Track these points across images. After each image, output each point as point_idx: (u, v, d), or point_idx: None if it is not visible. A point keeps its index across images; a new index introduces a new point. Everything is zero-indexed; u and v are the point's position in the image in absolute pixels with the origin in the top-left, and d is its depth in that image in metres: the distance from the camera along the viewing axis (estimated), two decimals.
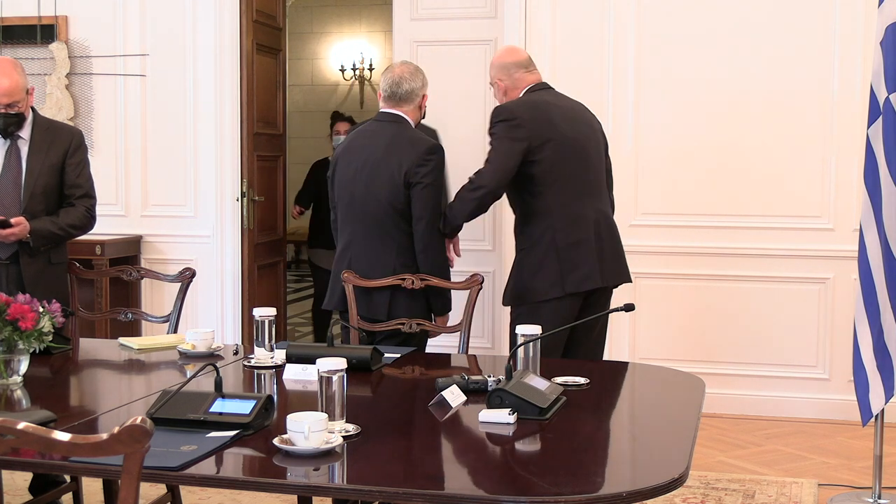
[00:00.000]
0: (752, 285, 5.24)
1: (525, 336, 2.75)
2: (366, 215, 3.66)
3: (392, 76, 3.73)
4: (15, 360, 2.73)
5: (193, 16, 5.72)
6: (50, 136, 3.76)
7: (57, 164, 3.75)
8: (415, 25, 5.82)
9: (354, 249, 3.70)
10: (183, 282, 3.75)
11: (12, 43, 5.88)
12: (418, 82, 3.74)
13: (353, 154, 3.73)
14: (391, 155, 3.63)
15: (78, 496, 3.52)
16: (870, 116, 3.85)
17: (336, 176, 3.78)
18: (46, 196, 3.73)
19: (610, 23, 5.30)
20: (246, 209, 5.79)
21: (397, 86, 3.70)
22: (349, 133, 4.10)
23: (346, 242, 3.75)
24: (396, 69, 3.76)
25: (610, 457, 2.28)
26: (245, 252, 5.82)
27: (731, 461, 4.54)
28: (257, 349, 3.09)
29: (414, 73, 3.75)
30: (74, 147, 3.82)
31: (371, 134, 3.75)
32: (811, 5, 5.11)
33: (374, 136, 3.72)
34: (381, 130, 3.72)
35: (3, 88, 3.63)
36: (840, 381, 5.13)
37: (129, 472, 1.73)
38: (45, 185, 3.72)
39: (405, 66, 3.80)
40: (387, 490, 1.98)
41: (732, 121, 5.22)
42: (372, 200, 3.64)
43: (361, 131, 3.85)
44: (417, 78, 3.74)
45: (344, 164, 3.75)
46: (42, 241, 3.68)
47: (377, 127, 3.76)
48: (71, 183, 3.78)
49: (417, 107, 3.76)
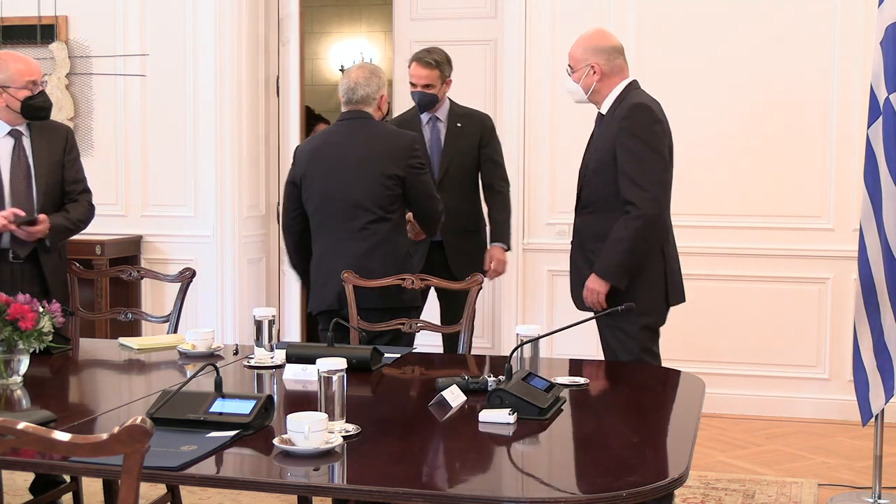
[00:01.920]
0: (752, 285, 5.24)
1: (525, 336, 2.76)
2: (352, 211, 3.61)
3: (347, 82, 3.68)
4: (15, 360, 2.73)
5: (193, 16, 5.72)
6: (47, 133, 3.78)
7: (59, 161, 3.78)
8: (415, 25, 5.83)
9: (340, 248, 3.65)
10: (183, 282, 3.75)
11: (12, 43, 5.88)
12: (374, 86, 3.67)
13: (325, 154, 3.67)
14: (380, 151, 3.62)
15: (78, 496, 3.52)
16: (870, 116, 3.85)
17: (306, 178, 3.69)
18: (54, 193, 3.76)
19: (609, 23, 5.29)
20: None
21: (352, 92, 3.66)
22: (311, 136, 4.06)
23: (326, 243, 3.69)
24: (352, 74, 3.70)
25: (610, 457, 2.28)
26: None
27: (731, 461, 4.54)
28: (257, 349, 3.09)
29: (369, 77, 3.68)
30: (70, 143, 3.86)
31: (342, 133, 3.69)
32: (811, 5, 5.11)
33: (348, 135, 3.67)
34: (352, 129, 3.68)
35: (34, 65, 3.67)
36: (840, 381, 5.13)
37: (129, 472, 1.73)
38: (53, 183, 3.75)
39: (360, 70, 3.72)
40: (387, 490, 1.98)
41: (732, 121, 5.22)
42: (362, 196, 3.60)
43: (329, 132, 3.79)
44: (373, 82, 3.68)
45: (315, 165, 3.68)
46: (58, 237, 3.71)
47: (346, 127, 3.70)
48: (72, 179, 3.80)
49: (377, 108, 3.73)
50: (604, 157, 3.43)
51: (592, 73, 3.47)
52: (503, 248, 4.59)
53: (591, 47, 3.48)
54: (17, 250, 3.61)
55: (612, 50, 3.50)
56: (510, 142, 5.43)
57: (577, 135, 5.42)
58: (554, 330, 3.04)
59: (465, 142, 4.50)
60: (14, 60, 3.64)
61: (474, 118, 4.58)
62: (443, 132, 4.51)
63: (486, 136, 4.56)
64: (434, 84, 4.43)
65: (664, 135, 3.44)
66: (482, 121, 4.59)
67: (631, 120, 3.38)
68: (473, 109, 4.63)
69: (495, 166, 4.60)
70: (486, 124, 4.60)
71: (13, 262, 3.61)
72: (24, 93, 3.60)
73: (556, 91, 5.37)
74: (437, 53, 4.49)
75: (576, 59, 3.51)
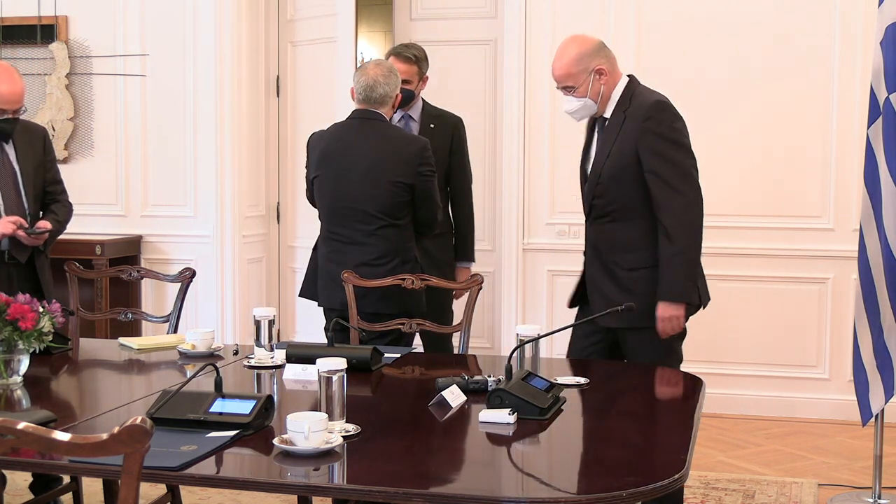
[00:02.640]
0: (752, 285, 5.24)
1: (525, 336, 2.76)
2: (361, 215, 3.61)
3: (367, 79, 3.63)
4: (15, 360, 2.73)
5: (193, 16, 5.72)
6: (26, 136, 3.81)
7: (41, 163, 3.84)
8: (415, 25, 5.82)
9: (348, 250, 3.66)
10: (183, 282, 3.75)
11: (12, 43, 5.88)
12: (392, 85, 3.65)
13: (335, 157, 3.65)
14: (392, 156, 3.59)
15: (78, 496, 3.51)
16: (870, 116, 3.85)
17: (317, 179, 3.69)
18: (40, 196, 3.83)
19: (610, 23, 5.30)
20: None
21: (371, 90, 3.62)
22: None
23: (333, 244, 3.68)
24: (370, 71, 3.65)
25: (610, 457, 2.28)
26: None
27: (731, 461, 4.54)
28: (257, 349, 3.09)
29: (388, 75, 3.65)
30: (48, 144, 3.92)
31: (354, 135, 3.67)
32: (811, 5, 5.11)
33: (360, 138, 3.65)
34: (364, 130, 3.65)
35: (17, 92, 3.67)
36: (840, 381, 5.13)
37: (129, 472, 1.73)
38: (38, 186, 3.81)
39: (379, 67, 3.68)
40: (387, 490, 1.98)
41: (732, 121, 5.22)
42: (371, 200, 3.60)
43: (341, 131, 3.72)
44: (391, 80, 3.66)
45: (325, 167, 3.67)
46: (52, 240, 3.82)
47: (361, 126, 3.67)
48: (52, 180, 3.89)
49: (391, 107, 3.72)
50: (624, 163, 3.23)
51: (600, 77, 3.26)
52: (468, 268, 4.44)
53: (585, 54, 3.26)
54: (16, 254, 3.69)
55: (603, 46, 3.31)
56: (510, 142, 5.44)
57: (578, 135, 5.43)
58: (554, 330, 3.04)
59: (436, 143, 4.10)
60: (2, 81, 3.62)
61: (447, 121, 4.39)
62: (415, 132, 4.29)
63: (456, 142, 4.37)
64: (411, 80, 4.22)
65: (685, 129, 3.28)
66: (455, 125, 4.40)
67: (654, 120, 3.22)
68: (446, 111, 4.44)
69: (462, 175, 4.43)
70: (459, 129, 4.41)
71: (8, 263, 3.67)
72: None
73: (555, 91, 5.34)
74: (415, 49, 4.33)
75: (573, 74, 3.27)
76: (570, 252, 5.37)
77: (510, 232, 5.46)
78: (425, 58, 4.34)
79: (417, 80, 4.29)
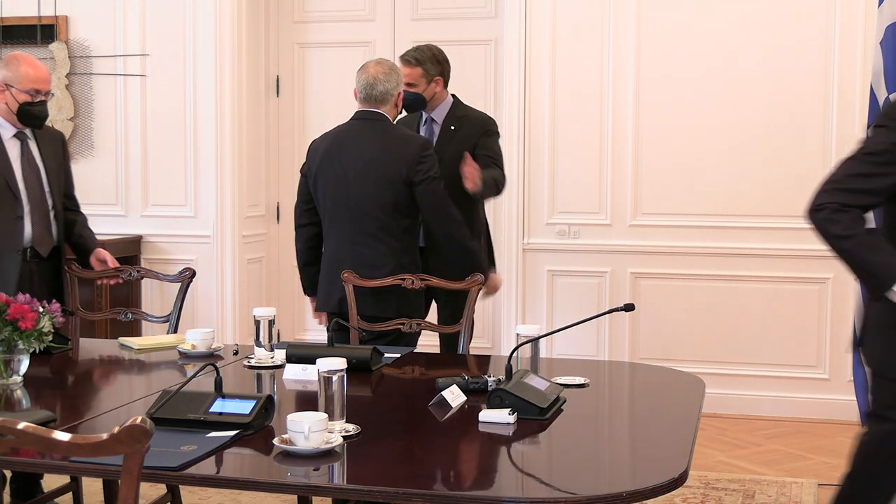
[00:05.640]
0: (752, 285, 5.24)
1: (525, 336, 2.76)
2: (360, 216, 3.61)
3: (366, 77, 3.63)
4: (15, 360, 2.73)
5: (193, 16, 5.72)
6: (45, 136, 3.80)
7: (61, 165, 3.84)
8: (415, 25, 5.83)
9: (348, 251, 3.66)
10: (183, 282, 3.75)
11: (12, 43, 5.88)
12: (393, 82, 3.65)
13: (336, 157, 3.65)
14: (388, 155, 3.59)
15: (78, 496, 3.51)
16: (870, 116, 3.85)
17: (318, 179, 3.69)
18: (60, 192, 3.81)
19: (610, 23, 5.29)
20: None
21: (371, 87, 3.62)
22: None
23: (336, 245, 3.69)
24: (371, 69, 3.65)
25: (610, 457, 2.28)
26: None
27: (731, 461, 4.54)
28: (257, 349, 3.09)
29: (388, 73, 3.65)
30: (66, 151, 3.93)
31: (355, 135, 3.67)
32: (811, 5, 5.11)
33: (360, 138, 3.65)
34: (367, 129, 3.65)
35: (44, 75, 3.69)
36: (840, 381, 5.13)
37: (129, 472, 1.73)
38: (59, 185, 3.80)
39: (379, 65, 3.68)
40: (387, 490, 1.98)
41: (733, 121, 5.22)
42: (370, 201, 3.60)
43: (343, 131, 3.73)
44: (392, 78, 3.65)
45: (326, 167, 3.67)
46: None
47: (361, 126, 3.67)
48: (69, 194, 3.90)
49: (394, 105, 3.71)
50: None
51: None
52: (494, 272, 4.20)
53: None
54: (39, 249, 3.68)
55: None
56: (510, 142, 5.43)
57: (578, 135, 5.45)
58: (554, 330, 3.04)
59: (458, 147, 4.04)
60: (27, 64, 3.66)
61: (473, 122, 4.20)
62: (437, 135, 4.20)
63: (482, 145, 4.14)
64: (416, 83, 4.08)
65: None
66: (482, 127, 4.20)
67: None
68: (475, 113, 4.27)
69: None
70: (486, 129, 4.21)
71: (30, 261, 3.67)
72: (24, 97, 3.62)
73: (556, 91, 5.38)
74: (420, 51, 4.17)
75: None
76: (571, 252, 5.38)
77: (510, 232, 5.46)
78: (432, 59, 4.15)
79: (424, 82, 4.12)
